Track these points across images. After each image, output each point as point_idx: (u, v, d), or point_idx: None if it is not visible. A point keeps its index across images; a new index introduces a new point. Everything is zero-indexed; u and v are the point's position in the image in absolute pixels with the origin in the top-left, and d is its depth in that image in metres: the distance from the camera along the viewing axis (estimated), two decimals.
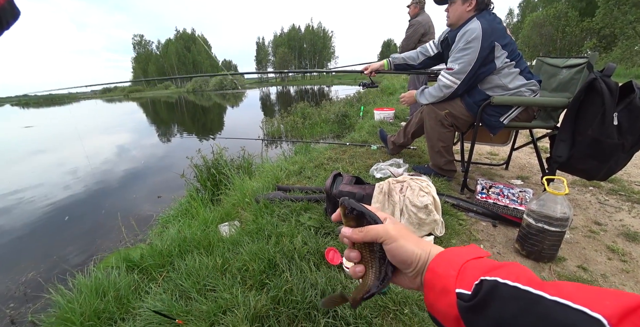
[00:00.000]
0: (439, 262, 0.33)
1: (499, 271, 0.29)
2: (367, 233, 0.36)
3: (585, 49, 22.51)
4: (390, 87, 10.23)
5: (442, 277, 0.31)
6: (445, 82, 1.64)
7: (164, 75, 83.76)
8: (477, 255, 0.33)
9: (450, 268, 0.31)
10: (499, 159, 2.45)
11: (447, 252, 0.34)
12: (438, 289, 0.31)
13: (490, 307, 0.26)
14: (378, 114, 4.19)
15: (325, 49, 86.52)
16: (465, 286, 0.29)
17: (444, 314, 0.30)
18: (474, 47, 1.49)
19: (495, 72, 1.56)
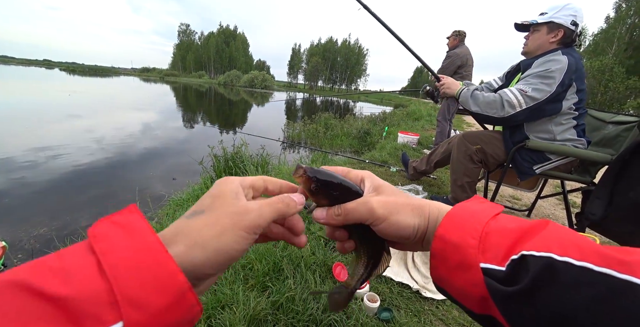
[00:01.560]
0: (450, 227, 0.25)
1: (540, 237, 0.21)
2: (346, 216, 0.28)
3: (628, 108, 21.77)
4: (417, 112, 10.22)
5: (458, 247, 0.23)
6: (511, 99, 1.44)
7: (201, 65, 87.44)
8: (493, 212, 0.25)
9: (467, 235, 0.23)
10: (521, 205, 2.36)
11: (456, 212, 0.26)
12: (453, 262, 0.24)
13: (544, 296, 0.19)
14: (402, 137, 4.17)
15: (358, 65, 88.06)
16: (493, 260, 0.22)
17: (463, 293, 0.24)
18: (555, 78, 1.37)
19: (555, 116, 1.48)
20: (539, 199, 2.03)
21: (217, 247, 0.21)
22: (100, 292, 0.17)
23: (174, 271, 0.19)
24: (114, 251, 0.18)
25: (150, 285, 0.18)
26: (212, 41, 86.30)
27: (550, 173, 1.58)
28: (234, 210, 0.23)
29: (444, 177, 2.62)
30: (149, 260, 0.18)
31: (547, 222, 0.23)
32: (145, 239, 0.19)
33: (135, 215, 0.21)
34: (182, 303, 0.19)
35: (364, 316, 0.92)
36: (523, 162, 1.55)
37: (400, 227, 0.27)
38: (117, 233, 0.19)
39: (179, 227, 0.22)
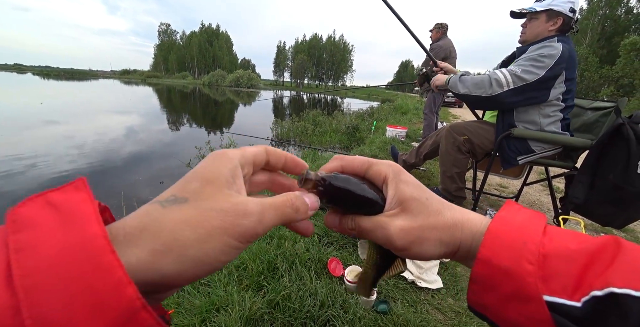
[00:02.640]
0: (496, 247, 0.20)
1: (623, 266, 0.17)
2: (360, 234, 0.24)
3: (602, 96, 22.75)
4: (404, 106, 10.33)
5: (511, 274, 0.19)
6: (499, 77, 1.43)
7: (184, 65, 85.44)
8: (542, 225, 0.21)
9: (522, 258, 0.19)
10: (508, 192, 2.43)
11: (499, 228, 0.21)
12: (505, 292, 0.19)
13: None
14: (390, 130, 4.20)
15: (344, 61, 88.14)
16: (562, 293, 0.18)
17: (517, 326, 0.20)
18: (546, 63, 1.37)
19: (543, 105, 1.49)
20: (525, 186, 2.08)
21: (196, 256, 0.16)
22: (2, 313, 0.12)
23: (121, 282, 0.13)
24: (37, 248, 0.13)
25: (82, 303, 0.12)
26: (194, 41, 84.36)
27: (536, 161, 1.62)
28: (228, 208, 0.17)
29: (434, 169, 2.65)
30: (85, 263, 0.13)
31: (616, 239, 0.19)
32: (85, 231, 0.14)
33: (81, 194, 0.15)
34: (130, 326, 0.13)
35: (361, 309, 0.92)
36: (509, 152, 1.58)
37: (422, 257, 0.23)
38: (48, 220, 0.14)
39: (149, 217, 0.16)
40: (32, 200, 0.15)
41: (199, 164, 0.20)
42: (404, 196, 0.23)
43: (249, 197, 0.19)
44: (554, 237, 0.20)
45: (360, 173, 0.25)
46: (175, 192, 0.18)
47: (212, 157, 0.20)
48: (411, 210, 0.23)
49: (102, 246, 0.13)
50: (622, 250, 0.18)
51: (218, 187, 0.18)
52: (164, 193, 0.18)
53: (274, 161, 0.24)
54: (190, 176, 0.19)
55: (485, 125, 1.72)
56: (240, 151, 0.22)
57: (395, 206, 0.23)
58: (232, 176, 0.19)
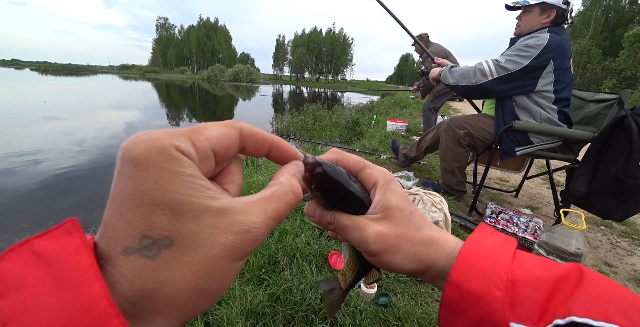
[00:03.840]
0: (466, 272, 0.20)
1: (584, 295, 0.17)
2: (337, 230, 0.23)
3: (605, 88, 22.55)
4: (404, 101, 10.26)
5: (480, 299, 0.19)
6: (484, 67, 1.49)
7: (183, 60, 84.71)
8: (511, 249, 0.21)
9: (491, 284, 0.19)
10: (509, 186, 2.42)
11: (470, 251, 0.21)
12: (474, 317, 0.19)
13: None
14: (391, 124, 4.18)
15: (344, 55, 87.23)
16: (527, 320, 0.18)
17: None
18: (530, 53, 1.39)
19: (533, 95, 1.49)
20: (525, 180, 2.08)
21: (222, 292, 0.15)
22: None
23: None
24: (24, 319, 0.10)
25: None
26: (192, 35, 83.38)
27: (536, 153, 1.61)
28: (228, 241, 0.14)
29: (434, 163, 2.65)
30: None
31: (579, 267, 0.19)
32: (82, 292, 0.11)
33: (74, 240, 0.12)
34: None
35: (362, 302, 0.92)
36: (508, 142, 1.58)
37: (392, 267, 0.23)
38: (36, 278, 0.11)
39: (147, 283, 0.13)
40: (15, 251, 0.12)
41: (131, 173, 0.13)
42: (389, 203, 0.23)
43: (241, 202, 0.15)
44: (523, 263, 0.20)
45: (353, 172, 0.24)
46: (145, 232, 0.13)
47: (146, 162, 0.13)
48: (393, 218, 0.23)
49: (104, 310, 0.11)
50: (584, 278, 0.18)
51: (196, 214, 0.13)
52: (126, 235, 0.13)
53: (253, 148, 0.18)
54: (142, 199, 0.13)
55: (484, 119, 1.71)
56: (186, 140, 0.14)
57: (379, 211, 0.23)
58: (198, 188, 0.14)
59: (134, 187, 0.13)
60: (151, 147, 0.13)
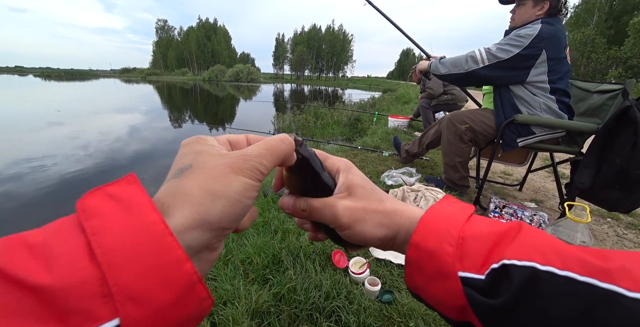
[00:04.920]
0: (425, 233, 0.24)
1: (518, 243, 0.21)
2: (311, 213, 0.26)
3: (610, 78, 22.12)
4: (406, 96, 10.19)
5: (434, 255, 0.22)
6: (475, 55, 1.53)
7: (183, 62, 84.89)
8: (467, 214, 0.24)
9: (444, 241, 0.22)
10: (512, 180, 2.40)
11: (430, 217, 0.25)
12: (430, 271, 0.23)
13: (527, 309, 0.18)
14: (392, 121, 4.16)
15: (344, 51, 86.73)
16: (472, 268, 0.21)
17: (441, 302, 0.23)
18: (521, 42, 1.41)
19: (528, 86, 1.50)
20: (529, 173, 2.06)
21: (230, 196, 0.19)
22: (90, 282, 0.14)
23: (181, 259, 0.16)
24: (109, 232, 0.15)
25: (153, 276, 0.15)
26: (192, 36, 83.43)
27: (539, 146, 1.60)
28: (229, 160, 0.20)
29: (437, 158, 2.63)
30: (151, 245, 0.15)
31: (520, 224, 0.23)
32: (146, 219, 0.16)
33: (134, 187, 0.18)
34: (189, 297, 0.16)
35: (365, 300, 0.93)
36: (509, 133, 1.57)
37: (364, 237, 0.26)
38: (112, 209, 0.16)
39: (175, 189, 0.18)
40: (93, 193, 0.17)
41: (180, 150, 0.22)
42: (352, 182, 0.27)
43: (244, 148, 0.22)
44: (474, 224, 0.24)
45: None
46: (177, 167, 0.20)
47: (188, 141, 0.22)
48: (357, 194, 0.26)
49: (161, 231, 0.16)
50: (521, 232, 0.22)
51: (209, 153, 0.21)
52: (167, 177, 0.20)
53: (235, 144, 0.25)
54: (179, 158, 0.21)
55: (486, 113, 1.70)
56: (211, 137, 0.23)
57: (344, 190, 0.27)
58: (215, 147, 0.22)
59: (180, 154, 0.21)
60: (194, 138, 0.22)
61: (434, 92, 3.61)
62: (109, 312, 0.14)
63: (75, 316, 0.13)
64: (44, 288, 0.13)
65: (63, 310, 0.13)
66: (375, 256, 1.17)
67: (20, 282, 0.13)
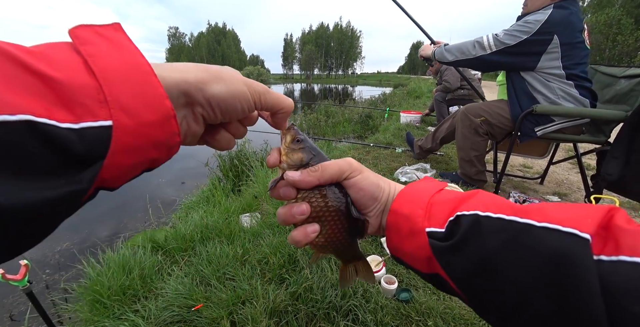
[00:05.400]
0: (402, 201, 0.29)
1: (471, 202, 0.26)
2: (325, 170, 0.28)
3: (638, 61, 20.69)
4: (417, 90, 9.98)
5: (408, 217, 0.27)
6: (482, 41, 1.50)
7: None
8: (438, 187, 0.30)
9: (417, 207, 0.27)
10: (533, 173, 2.31)
11: (408, 189, 0.30)
12: (405, 231, 0.27)
13: (471, 245, 0.23)
14: (404, 116, 4.09)
15: (352, 48, 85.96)
16: (436, 224, 0.26)
17: (413, 256, 0.27)
18: (529, 28, 1.37)
19: (541, 73, 1.44)
20: (551, 165, 1.97)
21: (233, 90, 0.23)
22: (89, 87, 0.16)
23: (162, 95, 0.19)
24: (103, 57, 0.17)
25: (140, 99, 0.17)
26: (202, 41, 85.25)
27: (560, 137, 1.52)
28: (243, 79, 0.25)
29: (452, 153, 2.57)
30: (139, 78, 0.18)
31: (478, 191, 0.28)
32: (134, 58, 0.18)
33: (121, 33, 0.19)
34: (165, 125, 0.19)
35: (382, 298, 0.92)
36: (527, 123, 1.50)
37: (373, 182, 0.30)
38: (104, 43, 0.18)
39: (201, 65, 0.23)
40: (83, 27, 0.18)
41: None
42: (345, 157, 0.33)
43: None
44: (442, 193, 0.29)
45: None
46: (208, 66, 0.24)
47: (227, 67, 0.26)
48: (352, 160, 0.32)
49: (148, 71, 0.18)
50: (476, 195, 0.27)
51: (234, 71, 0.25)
52: None
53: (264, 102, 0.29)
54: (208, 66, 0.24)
55: (503, 105, 1.63)
56: None
57: None
58: None
59: None
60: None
61: (450, 85, 3.50)
62: (105, 114, 0.16)
63: (79, 107, 0.15)
64: (52, 78, 0.15)
65: (68, 100, 0.15)
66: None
67: (30, 68, 0.14)
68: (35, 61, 0.15)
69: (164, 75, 0.19)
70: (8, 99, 0.13)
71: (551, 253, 0.19)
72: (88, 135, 0.15)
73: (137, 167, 0.19)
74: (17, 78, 0.14)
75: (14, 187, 0.13)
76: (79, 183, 0.16)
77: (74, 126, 0.15)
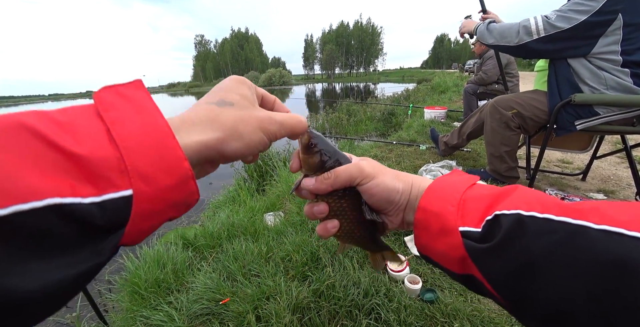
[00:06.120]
0: (431, 198, 0.27)
1: (510, 199, 0.24)
2: (337, 178, 0.29)
3: None
4: (442, 85, 9.59)
5: (439, 215, 0.26)
6: (530, 24, 1.28)
7: (220, 72, 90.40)
8: (470, 182, 0.28)
9: (448, 203, 0.26)
10: (573, 168, 2.13)
11: (436, 185, 0.28)
12: (435, 229, 0.26)
13: (514, 247, 0.21)
14: (428, 112, 3.95)
15: (374, 45, 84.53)
16: (470, 223, 0.24)
17: (444, 256, 0.26)
18: (590, 7, 1.16)
19: (592, 58, 1.25)
20: (595, 160, 1.80)
21: (249, 141, 0.24)
22: (111, 159, 0.17)
23: (181, 158, 0.19)
24: (124, 124, 0.18)
25: (159, 164, 0.18)
26: (226, 47, 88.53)
27: (605, 128, 1.38)
28: (262, 116, 0.25)
29: (479, 149, 2.44)
30: (158, 142, 0.18)
31: (516, 186, 0.25)
32: (155, 121, 0.19)
33: (142, 92, 0.20)
34: (184, 187, 0.20)
35: (406, 298, 0.90)
36: (565, 115, 1.36)
37: (387, 186, 0.29)
38: (125, 106, 0.19)
39: (212, 113, 0.23)
40: (107, 89, 0.20)
41: (227, 83, 0.26)
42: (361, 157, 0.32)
43: (271, 111, 0.27)
44: (476, 188, 0.27)
45: None
46: (222, 97, 0.24)
47: (236, 80, 0.26)
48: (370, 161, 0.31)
49: (167, 133, 0.19)
50: (515, 191, 0.24)
51: (250, 102, 0.25)
52: (210, 98, 0.24)
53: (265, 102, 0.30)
54: (226, 89, 0.25)
55: (537, 95, 1.52)
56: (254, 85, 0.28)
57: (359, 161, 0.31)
58: (255, 99, 0.26)
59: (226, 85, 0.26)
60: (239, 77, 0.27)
61: (487, 77, 3.24)
62: (125, 184, 0.17)
63: (101, 180, 0.16)
64: (78, 156, 0.16)
65: (91, 174, 0.16)
66: (415, 254, 1.13)
67: (61, 147, 0.16)
68: (61, 137, 0.16)
69: (182, 138, 0.20)
70: (35, 183, 0.14)
71: (612, 260, 0.17)
72: (109, 207, 0.16)
73: (155, 226, 0.20)
74: (44, 157, 0.15)
75: (35, 269, 0.14)
76: (100, 255, 0.16)
77: (96, 199, 0.16)
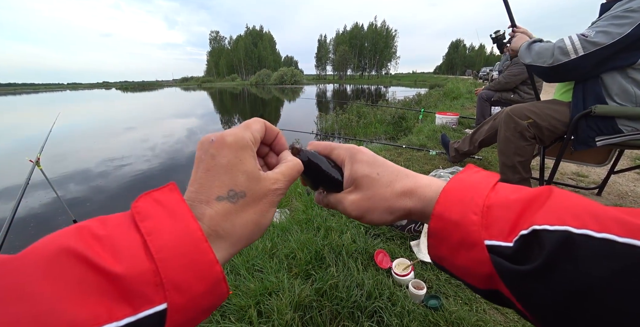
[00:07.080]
0: (448, 204, 0.23)
1: (549, 208, 0.19)
2: (328, 205, 0.31)
3: None
4: (455, 91, 9.47)
5: (459, 225, 0.22)
6: (565, 45, 1.20)
7: (233, 68, 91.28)
8: (492, 182, 0.23)
9: (468, 210, 0.22)
10: (588, 182, 2.07)
11: (452, 187, 0.24)
12: (454, 241, 0.22)
13: (562, 273, 0.17)
14: (440, 118, 3.91)
15: (387, 48, 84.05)
16: (499, 236, 0.20)
17: (466, 271, 0.22)
18: (633, 18, 1.07)
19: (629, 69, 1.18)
20: (612, 174, 1.75)
21: (265, 226, 0.24)
22: (147, 273, 0.17)
23: (213, 261, 0.19)
24: (159, 233, 0.18)
25: (192, 272, 0.18)
26: (240, 44, 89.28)
27: (628, 142, 1.34)
28: (267, 188, 0.24)
29: (491, 157, 2.40)
30: (191, 247, 0.19)
31: (550, 188, 0.21)
32: (188, 226, 0.19)
33: (175, 195, 0.21)
34: (216, 291, 0.20)
35: (409, 303, 0.89)
36: (586, 129, 1.31)
37: (376, 223, 0.28)
38: (160, 214, 0.19)
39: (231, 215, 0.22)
40: (143, 197, 0.21)
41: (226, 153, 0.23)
42: (356, 174, 0.28)
43: (270, 174, 0.25)
44: (500, 191, 0.23)
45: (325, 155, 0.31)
46: (231, 187, 0.22)
47: (235, 147, 0.23)
48: (362, 186, 0.28)
49: (199, 237, 0.19)
50: (551, 196, 0.20)
51: (257, 179, 0.23)
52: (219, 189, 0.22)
53: (268, 136, 0.28)
54: (231, 168, 0.22)
55: (555, 106, 1.48)
56: (249, 133, 0.25)
57: (350, 184, 0.29)
58: (257, 164, 0.24)
59: (227, 161, 0.22)
60: (238, 138, 0.23)
61: (507, 81, 3.04)
62: (160, 297, 0.17)
63: (137, 298, 0.16)
64: (117, 275, 0.16)
65: (129, 293, 0.16)
66: (421, 259, 1.12)
67: (101, 269, 0.16)
68: (102, 257, 0.16)
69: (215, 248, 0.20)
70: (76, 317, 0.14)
71: None
72: (144, 324, 0.16)
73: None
74: (86, 281, 0.16)
75: None
76: None
77: (132, 319, 0.16)
